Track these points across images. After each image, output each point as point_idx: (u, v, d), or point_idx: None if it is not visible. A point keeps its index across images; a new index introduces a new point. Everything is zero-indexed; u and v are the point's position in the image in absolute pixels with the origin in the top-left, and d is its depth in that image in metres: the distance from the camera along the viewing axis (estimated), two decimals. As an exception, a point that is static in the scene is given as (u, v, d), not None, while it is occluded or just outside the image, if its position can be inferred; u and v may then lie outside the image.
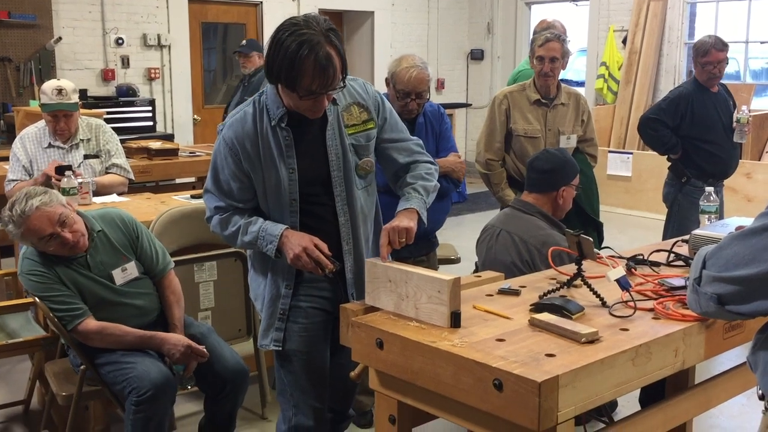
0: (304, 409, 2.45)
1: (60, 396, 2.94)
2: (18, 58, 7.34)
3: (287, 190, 2.34)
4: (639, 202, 8.43)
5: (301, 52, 2.11)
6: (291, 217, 2.36)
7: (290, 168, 2.33)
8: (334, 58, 2.15)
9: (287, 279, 2.42)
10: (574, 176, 3.11)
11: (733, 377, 2.47)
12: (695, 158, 4.58)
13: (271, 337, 2.45)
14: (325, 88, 2.18)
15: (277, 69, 2.16)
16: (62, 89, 3.96)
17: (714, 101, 4.57)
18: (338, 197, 2.40)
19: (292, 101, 2.24)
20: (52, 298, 2.81)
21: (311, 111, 2.26)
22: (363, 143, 2.43)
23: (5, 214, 2.82)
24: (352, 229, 2.43)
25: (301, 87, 2.16)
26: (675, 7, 9.13)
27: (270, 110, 2.32)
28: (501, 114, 4.02)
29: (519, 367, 1.75)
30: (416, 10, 10.57)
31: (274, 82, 2.24)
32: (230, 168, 2.34)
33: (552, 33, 4.01)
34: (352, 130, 2.41)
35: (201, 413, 3.14)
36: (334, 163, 2.37)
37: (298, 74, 2.13)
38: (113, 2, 8.07)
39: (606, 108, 9.37)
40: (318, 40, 2.12)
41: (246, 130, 2.32)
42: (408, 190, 2.45)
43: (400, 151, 2.51)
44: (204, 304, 3.44)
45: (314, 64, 2.12)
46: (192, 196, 4.15)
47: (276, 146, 2.32)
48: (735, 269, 1.50)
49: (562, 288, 2.30)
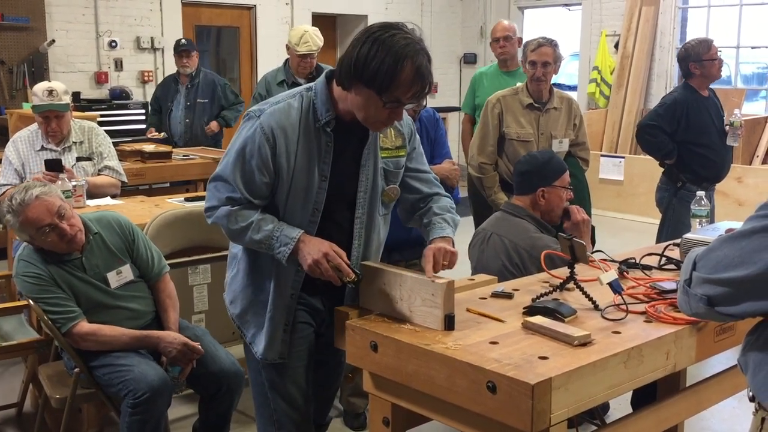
0: (288, 425, 2.36)
1: (53, 399, 2.93)
2: (11, 60, 7.33)
3: (314, 197, 2.20)
4: (631, 205, 8.46)
5: (403, 56, 1.99)
6: (309, 227, 2.22)
7: (323, 175, 2.20)
8: (430, 71, 2.06)
9: (294, 288, 2.29)
10: (554, 178, 3.10)
11: (724, 380, 2.49)
12: (690, 163, 4.60)
13: (277, 350, 2.31)
14: (415, 99, 2.09)
15: (372, 71, 2.00)
16: (53, 90, 3.96)
17: (707, 105, 4.60)
18: (358, 219, 2.29)
19: (368, 109, 2.09)
20: (46, 300, 2.81)
21: (381, 122, 2.13)
22: (392, 169, 2.34)
23: (4, 205, 2.83)
24: (363, 255, 2.33)
25: (393, 93, 2.03)
26: (667, 12, 9.18)
27: (318, 110, 2.17)
28: (494, 118, 4.04)
29: (512, 369, 1.76)
30: (409, 13, 10.58)
31: (357, 84, 2.06)
32: (261, 157, 2.14)
33: (544, 38, 4.03)
34: (385, 154, 2.31)
35: (195, 416, 3.14)
36: (363, 183, 2.27)
37: (396, 79, 2.01)
38: (107, 5, 8.06)
39: (598, 112, 9.41)
40: (419, 49, 2.03)
41: (290, 121, 2.16)
42: (438, 219, 2.37)
43: (423, 182, 2.44)
44: (198, 307, 3.44)
45: (415, 72, 2.01)
46: (186, 199, 4.15)
47: (316, 149, 2.18)
48: (724, 271, 1.52)
49: (555, 291, 2.32)
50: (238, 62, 9.28)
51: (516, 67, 5.21)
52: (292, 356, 2.34)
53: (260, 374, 2.38)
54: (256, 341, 2.34)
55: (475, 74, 5.48)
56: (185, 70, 6.52)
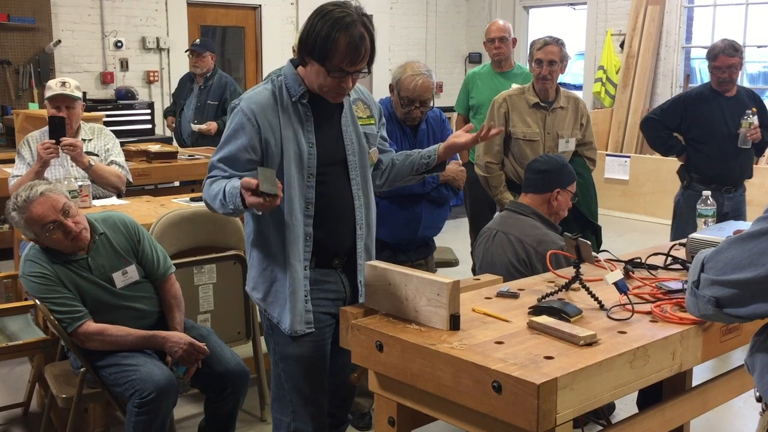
0: (303, 416, 2.43)
1: (60, 398, 2.94)
2: (17, 61, 7.35)
3: (306, 163, 2.35)
4: (637, 205, 8.45)
5: (337, 27, 2.21)
6: (307, 192, 2.36)
7: (310, 142, 2.36)
8: (366, 39, 2.25)
9: (306, 259, 2.37)
10: (570, 182, 3.13)
11: (731, 380, 2.48)
12: (695, 161, 4.59)
13: (302, 320, 2.38)
14: (354, 67, 2.26)
15: (312, 42, 2.24)
16: (66, 82, 4.07)
17: (724, 106, 4.51)
18: (354, 181, 2.44)
19: (319, 79, 2.29)
20: (52, 300, 2.82)
21: (334, 92, 2.33)
22: (370, 133, 2.54)
23: (9, 203, 2.84)
24: (365, 213, 2.47)
25: (331, 62, 2.23)
26: (672, 11, 9.16)
27: (290, 88, 2.36)
28: (500, 117, 4.03)
29: (518, 369, 1.76)
30: (414, 13, 10.58)
31: (305, 56, 2.29)
32: (246, 137, 2.31)
33: (551, 37, 4.03)
34: (360, 122, 2.51)
35: (201, 415, 3.14)
36: (349, 147, 2.44)
37: (331, 48, 2.21)
38: (112, 5, 8.08)
39: (604, 111, 9.39)
40: (353, 20, 2.23)
41: (268, 102, 2.34)
42: (413, 151, 2.64)
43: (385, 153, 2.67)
44: (203, 307, 3.45)
45: (348, 41, 2.21)
46: (191, 199, 4.16)
47: (296, 119, 2.35)
48: (733, 273, 1.52)
49: (561, 291, 2.31)
50: (243, 62, 9.29)
51: (510, 67, 5.20)
52: (310, 347, 2.41)
53: (277, 366, 2.45)
54: (283, 318, 2.40)
55: (468, 74, 5.46)
56: (196, 71, 6.52)
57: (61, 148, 3.85)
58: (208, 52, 6.47)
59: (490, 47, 5.19)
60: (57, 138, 3.85)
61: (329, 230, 2.41)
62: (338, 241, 2.44)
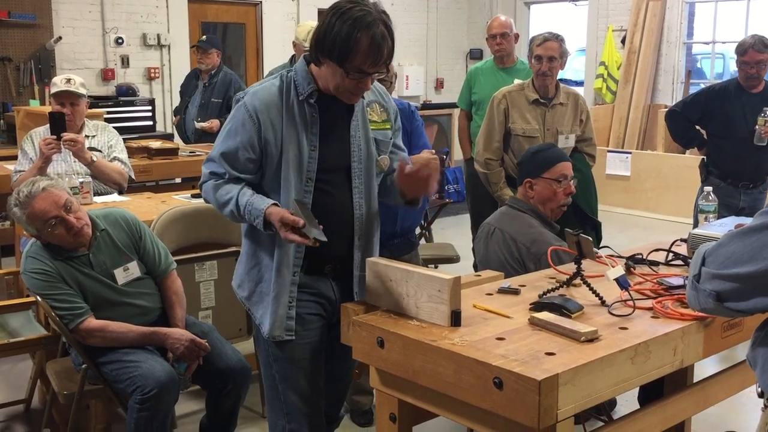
0: (299, 417, 2.37)
1: (61, 395, 2.95)
2: (18, 57, 7.34)
3: (306, 167, 2.27)
4: (638, 201, 8.44)
5: (358, 27, 2.10)
6: (305, 197, 2.28)
7: (312, 145, 2.28)
8: (387, 39, 2.15)
9: (296, 266, 2.32)
10: (543, 169, 3.04)
11: (732, 375, 2.48)
12: (714, 155, 4.59)
13: (282, 327, 2.32)
14: (375, 67, 2.16)
15: (330, 42, 2.13)
16: (71, 79, 4.10)
17: (746, 103, 4.50)
18: (356, 189, 2.35)
19: (335, 80, 2.19)
20: (54, 296, 2.82)
21: (351, 93, 2.23)
22: (381, 140, 2.43)
23: (11, 198, 2.84)
24: (365, 223, 2.39)
25: (351, 63, 2.13)
26: (674, 6, 9.14)
27: (299, 85, 2.27)
28: (500, 114, 4.03)
29: (519, 365, 1.76)
30: (415, 9, 10.57)
31: (321, 57, 2.18)
32: (246, 135, 2.25)
33: (550, 33, 4.02)
34: (374, 126, 2.41)
35: (202, 412, 3.15)
36: (356, 154, 2.34)
37: (352, 49, 2.11)
38: (113, 2, 8.08)
39: (605, 107, 9.38)
40: (374, 19, 2.13)
41: (273, 98, 2.26)
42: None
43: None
44: (205, 304, 3.45)
45: (371, 41, 2.11)
46: (192, 196, 4.16)
47: (301, 120, 2.26)
48: (734, 267, 1.52)
49: (562, 287, 2.31)
50: (244, 58, 9.28)
51: (512, 63, 5.19)
52: (302, 348, 2.36)
53: (271, 367, 2.39)
54: (263, 321, 2.36)
55: (471, 70, 5.45)
56: (201, 67, 6.50)
57: (62, 143, 3.85)
58: (214, 49, 6.45)
59: (492, 43, 5.19)
60: (58, 133, 3.85)
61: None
62: (332, 250, 2.30)
